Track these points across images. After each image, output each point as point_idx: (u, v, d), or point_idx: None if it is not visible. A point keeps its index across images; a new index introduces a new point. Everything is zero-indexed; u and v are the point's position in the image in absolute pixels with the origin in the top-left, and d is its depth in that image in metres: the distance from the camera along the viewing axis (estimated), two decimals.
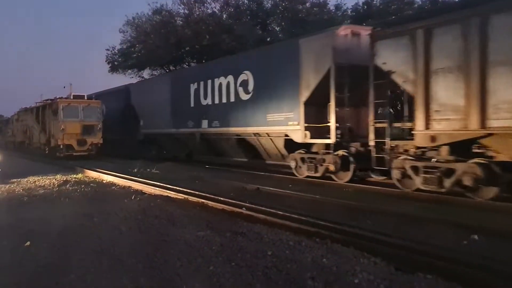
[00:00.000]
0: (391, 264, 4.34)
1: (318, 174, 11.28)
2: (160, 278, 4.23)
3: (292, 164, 12.16)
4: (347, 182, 10.58)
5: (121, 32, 31.26)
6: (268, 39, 26.10)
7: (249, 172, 13.72)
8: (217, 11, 28.26)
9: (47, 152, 23.00)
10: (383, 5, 27.29)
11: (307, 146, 11.79)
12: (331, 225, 5.78)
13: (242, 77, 13.78)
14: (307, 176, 11.60)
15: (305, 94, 11.27)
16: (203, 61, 26.62)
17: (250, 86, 13.45)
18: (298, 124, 11.50)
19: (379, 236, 5.24)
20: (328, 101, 10.62)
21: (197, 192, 8.90)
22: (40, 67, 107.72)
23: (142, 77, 33.12)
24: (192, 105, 16.59)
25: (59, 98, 22.28)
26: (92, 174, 13.70)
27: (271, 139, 12.89)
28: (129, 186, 10.74)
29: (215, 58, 22.09)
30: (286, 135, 12.15)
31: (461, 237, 5.61)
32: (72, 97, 22.29)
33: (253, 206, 7.31)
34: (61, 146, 21.23)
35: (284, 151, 12.66)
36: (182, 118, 17.17)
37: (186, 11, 28.60)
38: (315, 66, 10.96)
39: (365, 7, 28.54)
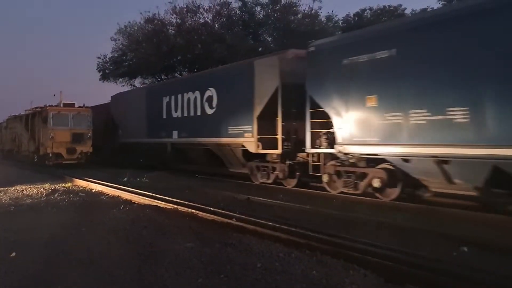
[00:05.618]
0: (381, 276, 4.34)
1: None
2: None
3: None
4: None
5: (112, 40, 31.23)
6: (260, 49, 26.24)
7: (239, 182, 13.68)
8: (209, 21, 28.41)
9: (35, 160, 22.75)
10: (374, 17, 27.66)
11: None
12: (321, 237, 5.76)
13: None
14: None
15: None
16: (195, 70, 26.63)
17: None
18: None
19: (369, 248, 5.23)
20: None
21: (186, 202, 8.84)
22: (30, 74, 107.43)
23: (134, 86, 33.08)
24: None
25: (49, 105, 22.11)
26: (81, 183, 13.56)
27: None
28: (118, 196, 10.64)
29: (207, 67, 22.14)
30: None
31: (451, 249, 5.63)
32: (62, 105, 22.13)
33: (243, 216, 7.27)
34: (50, 154, 21.02)
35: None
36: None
37: (178, 21, 28.70)
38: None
39: (356, 18, 28.89)
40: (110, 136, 22.46)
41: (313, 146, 10.83)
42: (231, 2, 28.41)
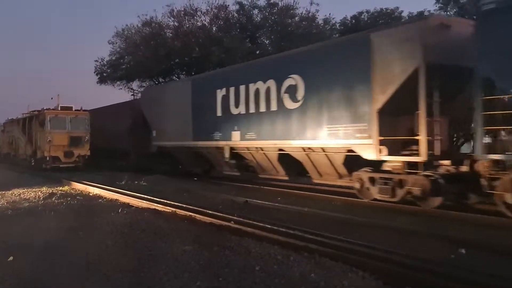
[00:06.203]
0: (380, 278, 4.34)
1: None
2: None
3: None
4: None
5: (110, 43, 31.22)
6: (258, 52, 26.26)
7: (238, 185, 13.67)
8: (206, 24, 28.40)
9: (33, 163, 22.71)
10: (371, 20, 27.71)
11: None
12: (319, 239, 5.77)
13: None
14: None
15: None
16: (193, 74, 26.60)
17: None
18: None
19: (367, 250, 5.24)
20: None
21: (185, 205, 8.84)
22: (27, 77, 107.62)
23: (131, 89, 33.05)
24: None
25: (46, 109, 22.08)
26: (79, 186, 13.53)
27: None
28: (116, 199, 10.62)
29: (205, 71, 21.95)
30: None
31: (449, 251, 5.63)
32: (59, 108, 22.11)
33: (241, 219, 7.28)
34: (48, 158, 20.98)
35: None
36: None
37: (176, 24, 28.69)
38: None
39: (353, 21, 28.93)
40: (140, 138, 19.10)
41: (489, 151, 7.58)
42: (228, 5, 28.47)
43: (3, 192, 11.82)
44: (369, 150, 9.33)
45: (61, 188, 12.97)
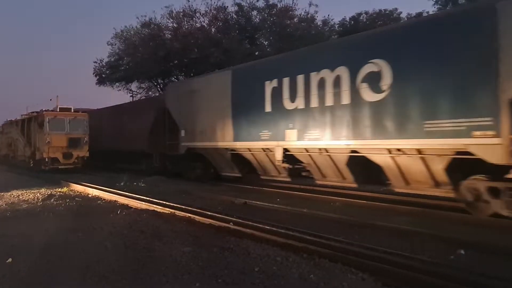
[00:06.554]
0: (379, 279, 4.34)
1: None
2: None
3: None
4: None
5: (109, 44, 31.30)
6: (257, 53, 26.29)
7: (237, 186, 13.65)
8: (205, 25, 28.48)
9: (32, 165, 22.66)
10: (370, 21, 27.80)
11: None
12: (318, 240, 5.77)
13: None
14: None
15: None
16: (192, 75, 26.61)
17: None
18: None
19: (366, 251, 5.24)
20: None
21: (184, 207, 8.83)
22: (26, 79, 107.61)
23: (130, 90, 33.09)
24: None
25: (45, 110, 22.07)
26: (78, 188, 13.51)
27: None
28: (115, 200, 10.60)
29: (204, 72, 21.89)
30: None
31: (448, 252, 5.63)
32: (58, 110, 22.09)
33: (240, 220, 7.27)
34: (46, 159, 20.95)
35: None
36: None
37: (175, 25, 28.79)
38: None
39: (352, 22, 29.03)
40: (164, 139, 16.95)
41: None
42: (227, 7, 28.59)
43: (2, 193, 11.80)
44: (497, 152, 7.20)
45: (60, 189, 12.95)
